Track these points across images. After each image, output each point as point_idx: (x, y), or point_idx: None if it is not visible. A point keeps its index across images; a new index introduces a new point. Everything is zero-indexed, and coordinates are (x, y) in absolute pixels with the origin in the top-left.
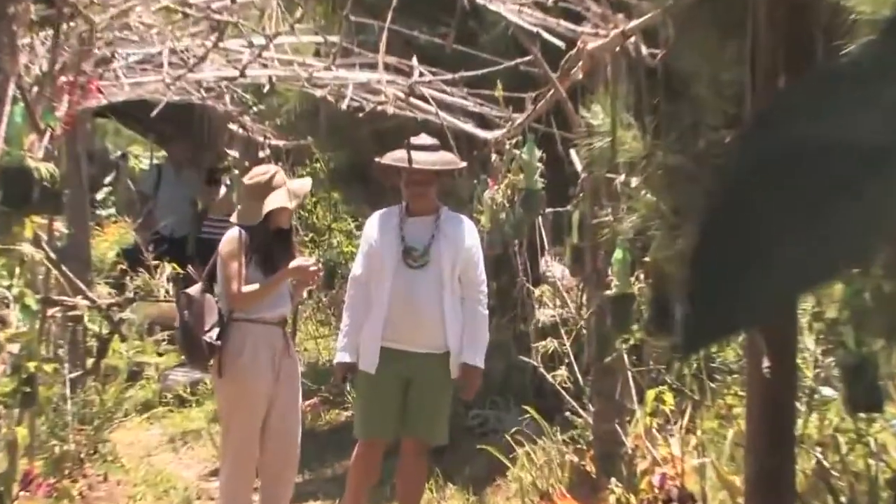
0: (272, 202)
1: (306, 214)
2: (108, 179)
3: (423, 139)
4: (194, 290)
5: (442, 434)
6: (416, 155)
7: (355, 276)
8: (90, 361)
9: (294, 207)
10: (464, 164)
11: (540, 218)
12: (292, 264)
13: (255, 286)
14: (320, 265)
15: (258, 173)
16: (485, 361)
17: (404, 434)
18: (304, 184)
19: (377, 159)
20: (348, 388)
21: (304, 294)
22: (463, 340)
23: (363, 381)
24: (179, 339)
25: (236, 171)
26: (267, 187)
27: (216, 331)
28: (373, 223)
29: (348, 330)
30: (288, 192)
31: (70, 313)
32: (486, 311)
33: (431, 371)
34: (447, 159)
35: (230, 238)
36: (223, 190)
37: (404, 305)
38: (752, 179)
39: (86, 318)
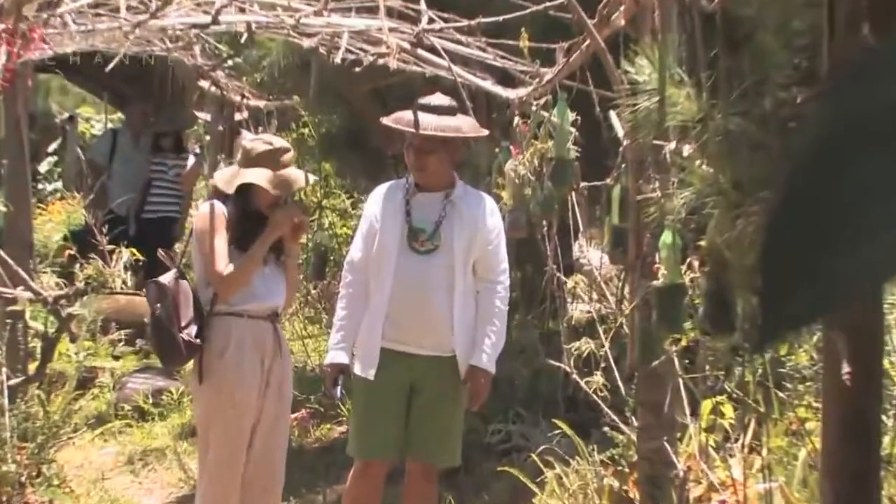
0: (252, 176)
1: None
2: (53, 147)
3: (437, 99)
4: (167, 278)
5: (454, 454)
6: (422, 117)
7: (352, 260)
8: (33, 366)
9: (273, 193)
10: (483, 132)
11: (573, 194)
12: (269, 219)
13: (235, 265)
14: (301, 214)
15: (265, 139)
16: (507, 366)
17: (409, 455)
18: (297, 177)
19: (383, 119)
20: (339, 394)
21: (297, 252)
22: (474, 340)
23: (360, 388)
24: (151, 337)
25: (207, 138)
26: (261, 158)
27: (195, 327)
28: (375, 199)
29: (343, 324)
30: (275, 176)
31: (9, 308)
32: (506, 307)
33: (441, 378)
34: (460, 125)
35: (205, 212)
36: (191, 160)
37: (409, 298)
38: (840, 142)
39: (27, 314)
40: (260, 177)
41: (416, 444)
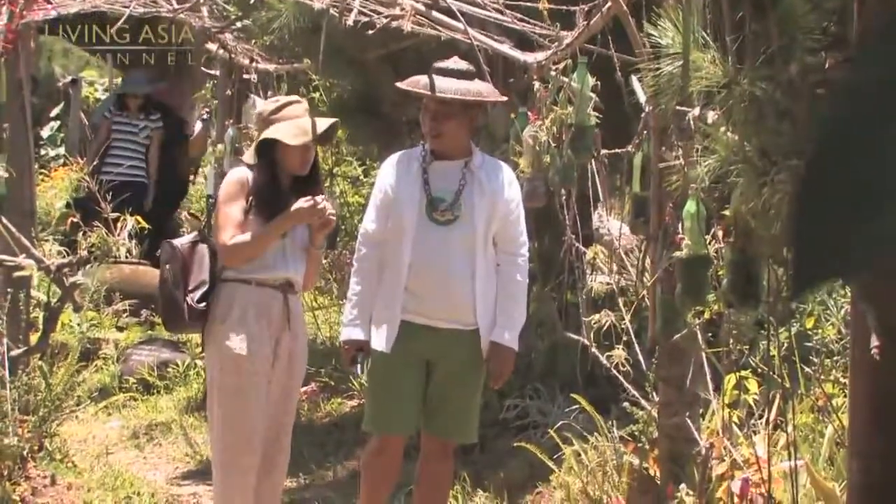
0: (268, 133)
1: None
2: (55, 112)
3: (454, 62)
4: (182, 239)
5: (471, 432)
6: (439, 81)
7: (367, 232)
8: (35, 337)
9: (299, 144)
10: (502, 98)
11: (593, 161)
12: (292, 208)
13: (246, 236)
14: (327, 204)
15: (271, 100)
16: (524, 340)
17: (426, 431)
18: (321, 121)
19: (398, 83)
20: (360, 371)
21: (323, 243)
22: (495, 314)
23: (377, 362)
24: (158, 298)
25: (215, 101)
26: (272, 118)
27: (201, 292)
28: (389, 167)
29: (359, 300)
30: (298, 126)
31: (15, 275)
32: (526, 280)
33: (459, 352)
34: (480, 89)
35: (230, 178)
36: (199, 126)
37: (428, 270)
38: (872, 105)
39: (32, 283)
40: (275, 132)
41: (433, 421)
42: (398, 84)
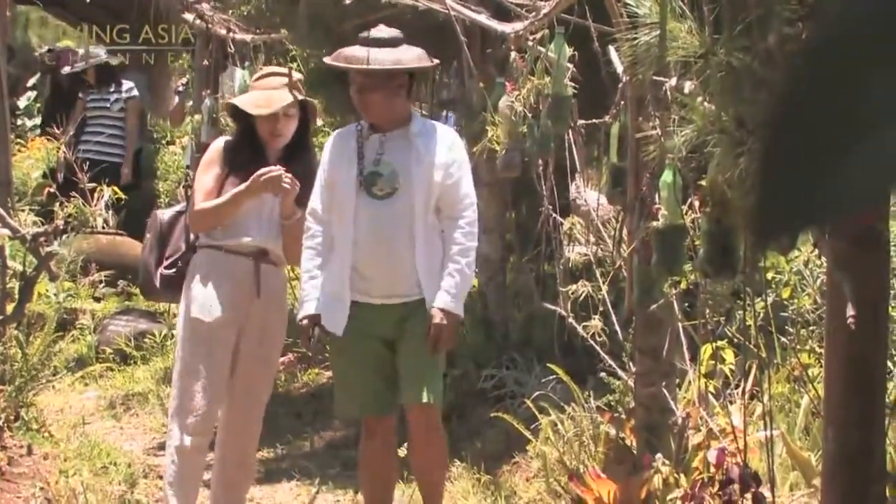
0: (235, 99)
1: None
2: (32, 82)
3: (378, 31)
4: (166, 210)
5: (437, 391)
6: (363, 51)
7: (314, 210)
8: (11, 307)
9: (254, 113)
10: (430, 63)
11: (570, 132)
12: (253, 176)
13: (209, 203)
14: (288, 175)
15: (264, 68)
16: (501, 310)
17: (404, 404)
18: (277, 97)
19: (326, 59)
20: (315, 346)
21: (294, 212)
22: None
23: (334, 347)
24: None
25: (182, 83)
26: (251, 84)
27: (175, 260)
28: (329, 146)
29: (314, 275)
30: (263, 96)
31: None
32: (472, 243)
33: (412, 324)
34: (400, 56)
35: (210, 147)
36: (176, 99)
37: (371, 247)
38: (844, 42)
39: (6, 252)
40: (241, 99)
41: (405, 391)
42: (325, 59)
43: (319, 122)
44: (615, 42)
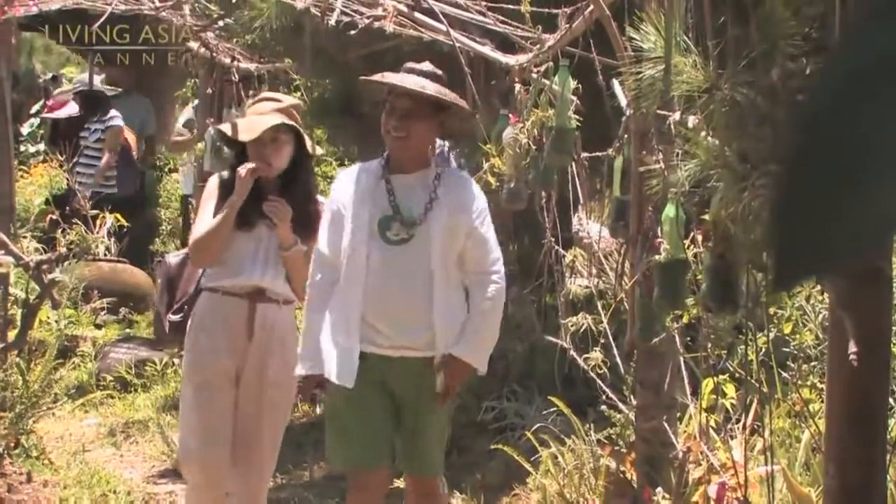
0: (224, 125)
1: None
2: (35, 108)
3: (424, 65)
4: (176, 254)
5: (437, 465)
6: (411, 78)
7: (322, 255)
8: (12, 333)
9: (241, 138)
10: (467, 108)
11: (573, 164)
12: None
13: (201, 231)
14: (275, 199)
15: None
16: (503, 341)
17: (405, 470)
18: (259, 122)
19: (364, 77)
20: (319, 409)
21: (293, 241)
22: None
23: (337, 396)
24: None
25: (196, 101)
26: (245, 111)
27: (180, 304)
28: (342, 183)
29: (315, 332)
30: (250, 121)
31: None
32: (500, 300)
33: (422, 382)
34: (452, 94)
35: (208, 183)
36: (180, 122)
37: (382, 295)
38: (849, 92)
39: (10, 280)
40: (228, 124)
41: (409, 460)
42: (364, 78)
43: (320, 151)
44: (619, 75)
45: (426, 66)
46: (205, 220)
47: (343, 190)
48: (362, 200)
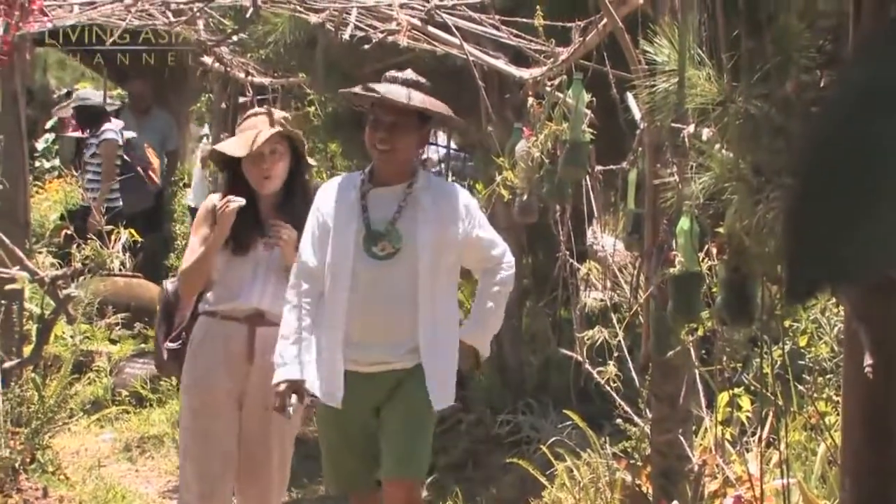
0: (219, 145)
1: None
2: (50, 123)
3: (410, 73)
4: (172, 281)
5: (420, 467)
6: (393, 88)
7: (305, 265)
8: (28, 349)
9: (245, 156)
10: (453, 116)
11: (587, 178)
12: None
13: (189, 260)
14: (279, 223)
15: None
16: (517, 354)
17: (384, 476)
18: (249, 137)
19: (343, 90)
20: (288, 416)
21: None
22: (443, 354)
23: (325, 418)
24: None
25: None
26: (236, 130)
27: (178, 330)
28: (325, 195)
29: (297, 337)
30: (246, 137)
31: (6, 287)
32: (507, 287)
33: (404, 390)
34: (437, 102)
35: (202, 205)
36: (203, 142)
37: (366, 312)
38: (861, 108)
39: (25, 295)
40: (223, 144)
41: (386, 462)
42: (344, 90)
43: (313, 163)
44: (633, 88)
45: (409, 74)
46: (194, 245)
47: (327, 202)
48: (347, 214)
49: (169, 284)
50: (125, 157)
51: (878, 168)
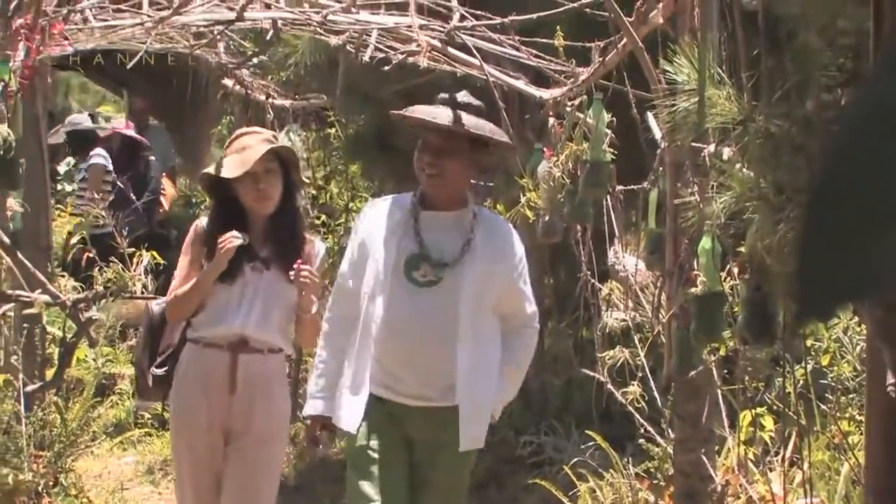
0: (210, 167)
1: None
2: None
3: (465, 95)
4: (158, 302)
5: None
6: (443, 112)
7: (343, 289)
8: (50, 372)
9: (227, 176)
10: (507, 141)
11: (608, 197)
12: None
13: (182, 289)
14: (306, 268)
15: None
16: (540, 376)
17: None
18: (247, 157)
19: (395, 112)
20: (319, 453)
21: (312, 307)
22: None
23: (352, 446)
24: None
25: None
26: (225, 151)
27: (165, 356)
28: (369, 216)
29: (325, 369)
30: (239, 157)
31: (25, 312)
32: (531, 353)
33: (438, 434)
34: (491, 127)
35: (192, 228)
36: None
37: (401, 340)
38: (880, 126)
39: (45, 318)
40: (212, 167)
41: None
42: (395, 112)
43: (358, 187)
44: (654, 108)
45: (463, 96)
46: (182, 268)
47: (372, 222)
48: (391, 236)
49: (155, 306)
50: (117, 182)
51: (891, 188)
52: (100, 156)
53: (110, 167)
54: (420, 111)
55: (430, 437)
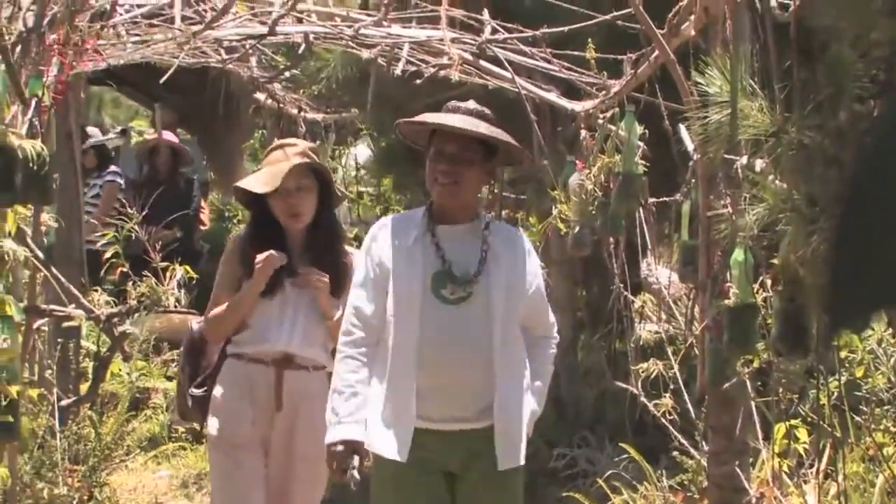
0: (241, 181)
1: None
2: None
3: (469, 104)
4: (198, 321)
5: None
6: (455, 119)
7: (361, 312)
8: (84, 386)
9: (258, 191)
10: (520, 147)
11: (641, 210)
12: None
13: (220, 308)
14: (314, 271)
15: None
16: (573, 388)
17: None
18: (277, 171)
19: (403, 120)
20: (354, 483)
21: (335, 310)
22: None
23: (387, 472)
24: None
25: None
26: (260, 164)
27: (205, 375)
28: (382, 234)
29: (356, 391)
30: (270, 172)
31: (63, 325)
32: (552, 364)
33: (481, 458)
34: (496, 132)
35: (228, 242)
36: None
37: (437, 361)
38: None
39: (83, 333)
40: (247, 180)
41: None
42: (405, 120)
43: (391, 199)
44: (686, 120)
45: (471, 104)
46: (220, 285)
47: (383, 242)
48: (410, 255)
49: (195, 325)
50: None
51: None
52: (115, 173)
53: (123, 186)
54: (434, 118)
55: (467, 463)
